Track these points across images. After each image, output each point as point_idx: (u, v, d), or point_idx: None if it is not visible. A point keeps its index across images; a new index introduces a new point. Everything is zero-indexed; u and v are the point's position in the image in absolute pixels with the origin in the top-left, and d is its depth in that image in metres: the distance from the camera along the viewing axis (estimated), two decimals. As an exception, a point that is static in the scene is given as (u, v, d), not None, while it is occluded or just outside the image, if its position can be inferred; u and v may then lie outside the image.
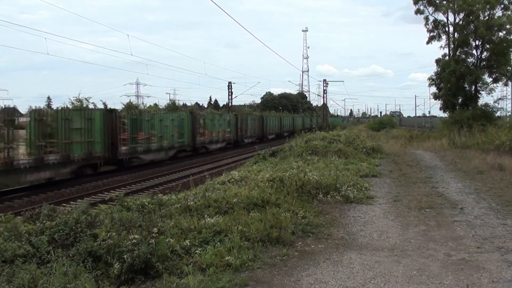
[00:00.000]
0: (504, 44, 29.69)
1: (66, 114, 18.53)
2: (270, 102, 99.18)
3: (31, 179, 16.44)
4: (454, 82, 30.27)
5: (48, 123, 17.67)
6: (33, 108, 25.74)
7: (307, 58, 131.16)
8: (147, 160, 23.97)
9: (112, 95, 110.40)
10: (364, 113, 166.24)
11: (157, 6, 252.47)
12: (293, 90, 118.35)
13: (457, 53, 31.80)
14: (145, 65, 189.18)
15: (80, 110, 19.66)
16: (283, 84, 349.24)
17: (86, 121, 18.97)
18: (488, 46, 30.71)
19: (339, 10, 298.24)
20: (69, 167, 17.97)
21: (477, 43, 31.31)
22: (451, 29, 32.40)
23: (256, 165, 15.47)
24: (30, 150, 16.60)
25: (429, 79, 33.96)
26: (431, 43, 32.95)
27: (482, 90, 31.83)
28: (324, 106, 65.89)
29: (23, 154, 16.37)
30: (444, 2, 31.71)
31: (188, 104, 68.89)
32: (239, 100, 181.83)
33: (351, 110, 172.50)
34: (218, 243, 5.93)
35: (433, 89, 35.32)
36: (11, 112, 24.36)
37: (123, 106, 27.99)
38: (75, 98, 20.99)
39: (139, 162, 23.69)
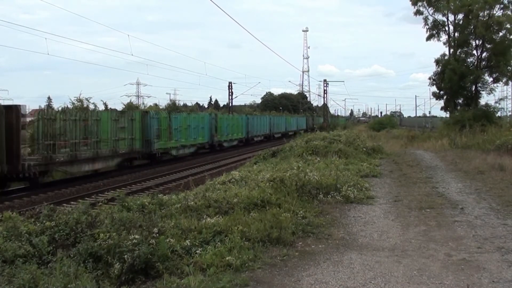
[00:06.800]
0: (505, 44, 29.71)
1: None
2: (271, 102, 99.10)
3: None
4: (456, 81, 30.26)
5: None
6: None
7: (307, 58, 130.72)
8: (77, 173, 18.84)
9: (113, 95, 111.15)
10: (364, 113, 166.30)
11: (157, 6, 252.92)
12: (294, 90, 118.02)
13: (457, 52, 31.84)
14: (145, 65, 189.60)
15: None
16: (284, 84, 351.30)
17: None
18: (488, 46, 30.75)
19: (340, 10, 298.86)
20: None
21: (477, 42, 31.36)
22: (451, 29, 32.49)
23: (256, 165, 15.48)
24: None
25: (429, 78, 34.13)
26: (431, 40, 33.06)
27: (483, 90, 31.91)
28: (325, 106, 65.98)
29: None
30: (443, 2, 31.73)
31: (189, 104, 68.98)
32: (240, 100, 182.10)
33: (351, 110, 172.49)
34: (219, 243, 5.92)
35: (434, 89, 35.50)
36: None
37: (123, 106, 27.93)
38: (75, 98, 20.82)
39: (62, 177, 18.91)
